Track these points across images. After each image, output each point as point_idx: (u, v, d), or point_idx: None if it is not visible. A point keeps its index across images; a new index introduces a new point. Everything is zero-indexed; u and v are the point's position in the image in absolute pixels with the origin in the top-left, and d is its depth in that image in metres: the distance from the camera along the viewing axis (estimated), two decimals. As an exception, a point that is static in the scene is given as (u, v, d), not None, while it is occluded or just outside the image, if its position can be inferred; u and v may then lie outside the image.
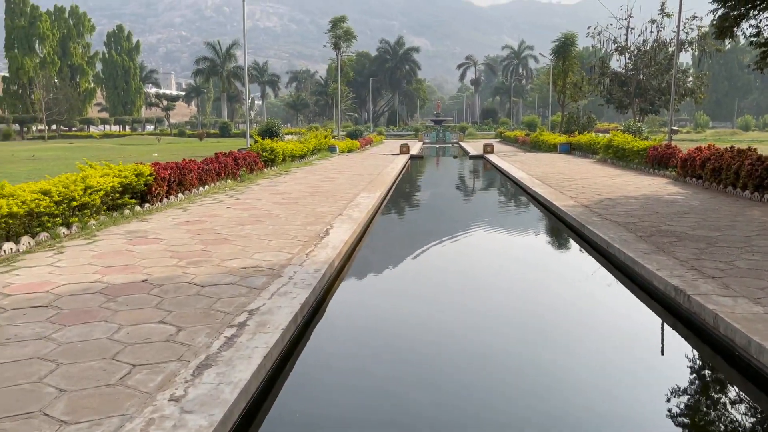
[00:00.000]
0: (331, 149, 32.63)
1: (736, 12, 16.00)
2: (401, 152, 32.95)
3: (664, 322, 6.06)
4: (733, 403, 4.46)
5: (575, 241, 9.94)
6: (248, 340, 4.50)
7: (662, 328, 6.02)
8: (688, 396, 4.55)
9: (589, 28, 40.69)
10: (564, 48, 44.37)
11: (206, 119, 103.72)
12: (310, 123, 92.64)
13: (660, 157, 18.84)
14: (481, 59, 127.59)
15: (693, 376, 4.96)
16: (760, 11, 15.74)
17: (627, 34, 39.50)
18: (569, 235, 10.40)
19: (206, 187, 14.16)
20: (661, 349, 5.59)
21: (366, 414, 4.27)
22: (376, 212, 12.65)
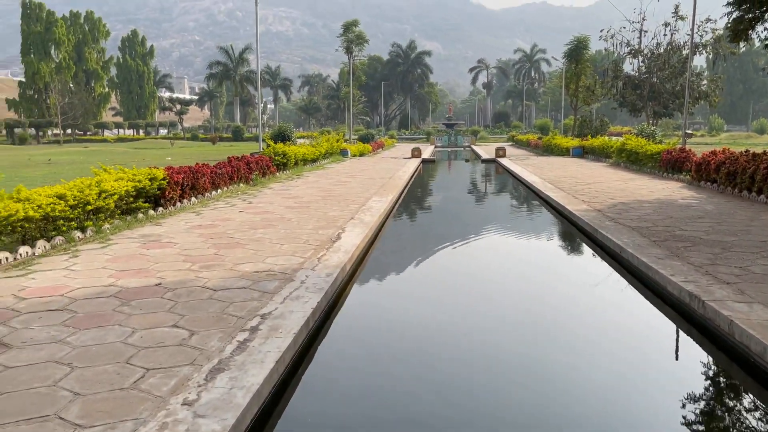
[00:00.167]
0: (343, 153, 32.69)
1: (751, 15, 15.88)
2: (413, 156, 32.95)
3: (678, 328, 6.01)
4: (749, 411, 4.41)
5: (588, 245, 9.89)
6: (261, 345, 4.52)
7: (677, 334, 5.98)
8: (702, 402, 4.51)
9: (602, 31, 40.53)
10: (577, 51, 44.18)
11: (219, 123, 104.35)
12: (322, 127, 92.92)
13: (674, 161, 18.70)
14: (493, 63, 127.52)
15: (708, 383, 4.92)
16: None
17: (640, 37, 39.32)
18: (582, 240, 10.34)
19: (219, 191, 14.24)
20: (675, 355, 5.54)
21: (377, 418, 4.27)
22: (388, 216, 12.66)
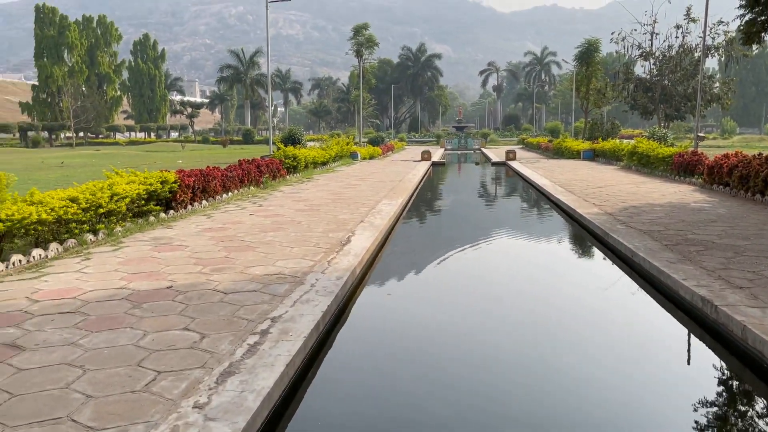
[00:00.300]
0: (353, 156, 32.74)
1: (764, 17, 15.75)
2: (423, 159, 32.95)
3: (690, 332, 5.96)
4: (762, 416, 4.36)
5: (599, 249, 9.84)
6: (271, 348, 4.53)
7: (689, 338, 5.93)
8: (715, 408, 4.47)
9: (612, 33, 40.34)
10: (587, 54, 43.99)
11: (230, 126, 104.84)
12: (332, 130, 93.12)
13: (686, 164, 18.58)
14: (503, 65, 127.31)
15: (720, 388, 4.87)
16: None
17: (652, 40, 39.09)
18: (593, 244, 10.29)
19: (230, 194, 14.30)
20: (688, 359, 5.50)
21: (387, 422, 4.26)
22: (398, 219, 12.66)
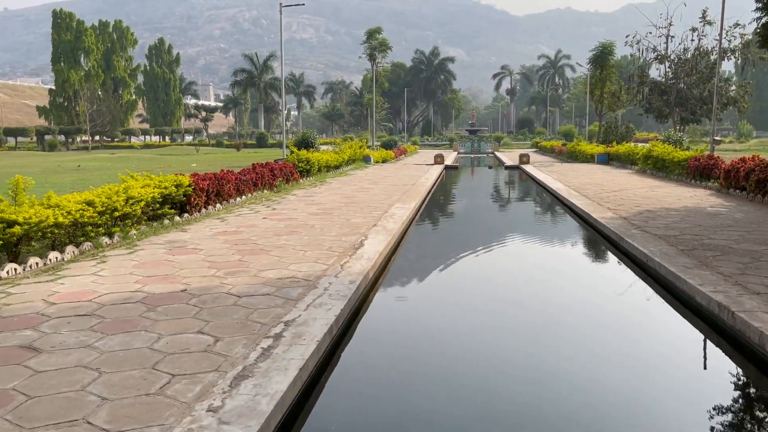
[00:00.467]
0: (366, 159, 32.78)
1: (781, 19, 15.57)
2: (436, 162, 32.91)
3: (706, 339, 5.90)
4: (781, 425, 4.30)
5: (613, 253, 9.76)
6: (284, 352, 4.54)
7: (705, 345, 5.86)
8: (731, 414, 4.42)
9: (627, 36, 40.15)
10: (602, 57, 43.77)
11: (243, 130, 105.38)
12: (345, 133, 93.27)
13: (702, 168, 18.40)
14: (516, 69, 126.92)
15: (737, 394, 4.82)
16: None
17: (667, 43, 38.87)
18: (607, 248, 10.22)
19: (243, 197, 14.37)
20: (704, 365, 5.44)
21: (400, 427, 4.25)
22: (411, 223, 12.64)
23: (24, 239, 7.37)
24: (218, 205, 12.82)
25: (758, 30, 16.80)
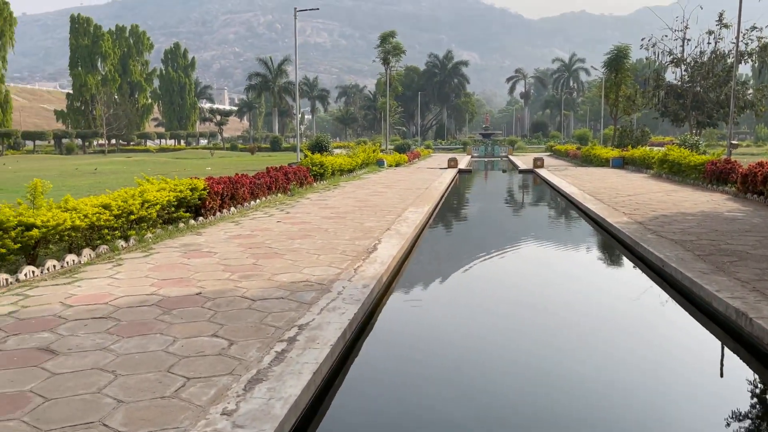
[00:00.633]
0: (379, 163, 32.80)
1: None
2: (449, 166, 32.87)
3: (724, 345, 5.83)
4: (800, 434, 4.24)
5: (629, 258, 9.69)
6: (298, 356, 4.55)
7: (722, 351, 5.80)
8: (749, 421, 4.36)
9: (643, 39, 39.84)
10: (617, 60, 43.48)
11: (258, 133, 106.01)
12: (358, 137, 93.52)
13: (719, 173, 18.22)
14: (531, 72, 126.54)
15: (754, 401, 4.76)
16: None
17: (683, 46, 38.52)
18: (622, 253, 10.14)
19: (257, 200, 14.44)
20: (721, 372, 5.38)
21: (415, 431, 4.25)
22: (424, 227, 12.63)
23: (42, 242, 7.45)
24: (233, 208, 12.89)
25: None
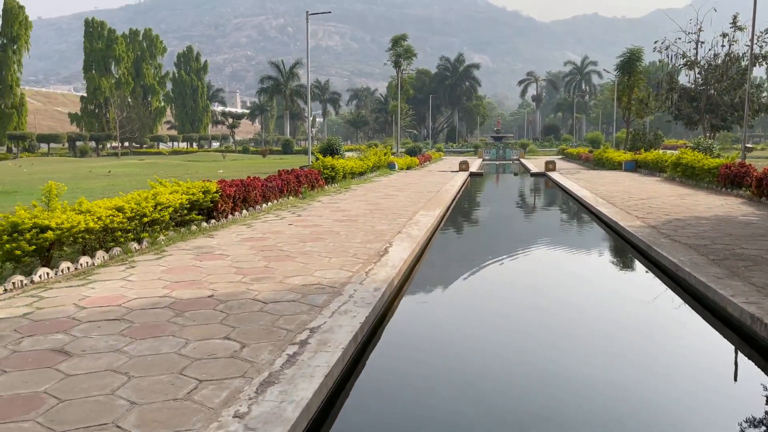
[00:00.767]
0: (390, 166, 32.81)
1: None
2: (460, 169, 32.82)
3: (738, 350, 5.78)
4: (817, 442, 4.19)
5: (641, 263, 9.62)
6: (310, 359, 4.56)
7: (736, 356, 5.74)
8: (764, 427, 4.32)
9: (656, 42, 39.59)
10: (629, 63, 43.19)
11: (269, 136, 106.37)
12: (369, 140, 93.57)
13: (733, 176, 18.06)
14: (542, 75, 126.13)
15: (771, 410, 4.70)
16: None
17: (697, 48, 38.21)
18: (635, 257, 10.07)
19: (269, 203, 14.49)
20: (735, 377, 5.32)
21: (425, 437, 4.24)
22: (435, 230, 12.62)
23: (56, 244, 7.52)
24: (245, 211, 12.94)
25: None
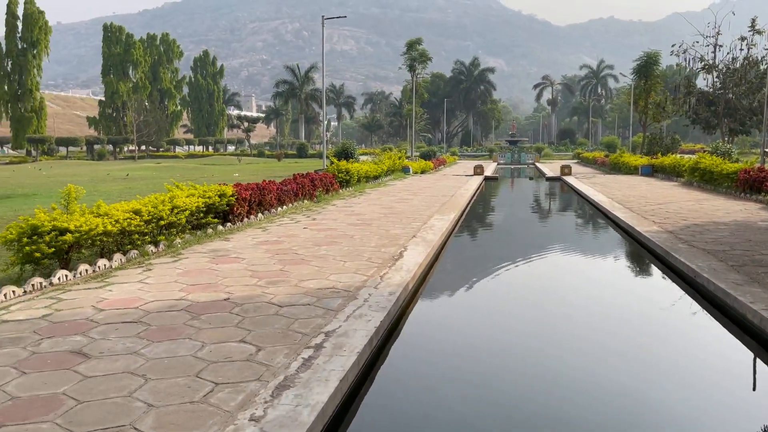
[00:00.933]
0: (405, 170, 32.80)
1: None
2: (475, 173, 32.72)
3: (757, 357, 5.70)
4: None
5: (659, 269, 9.53)
6: (325, 363, 4.56)
7: (755, 364, 5.66)
8: (786, 440, 4.25)
9: (673, 46, 39.23)
10: (646, 67, 42.90)
11: (284, 140, 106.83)
12: (384, 143, 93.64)
13: (752, 181, 17.84)
14: (558, 79, 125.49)
15: (792, 419, 4.63)
16: None
17: (715, 52, 37.82)
18: (652, 263, 9.97)
19: (284, 207, 14.55)
20: (754, 386, 5.25)
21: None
22: (450, 235, 12.59)
23: (75, 247, 7.60)
24: (260, 214, 13.00)
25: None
